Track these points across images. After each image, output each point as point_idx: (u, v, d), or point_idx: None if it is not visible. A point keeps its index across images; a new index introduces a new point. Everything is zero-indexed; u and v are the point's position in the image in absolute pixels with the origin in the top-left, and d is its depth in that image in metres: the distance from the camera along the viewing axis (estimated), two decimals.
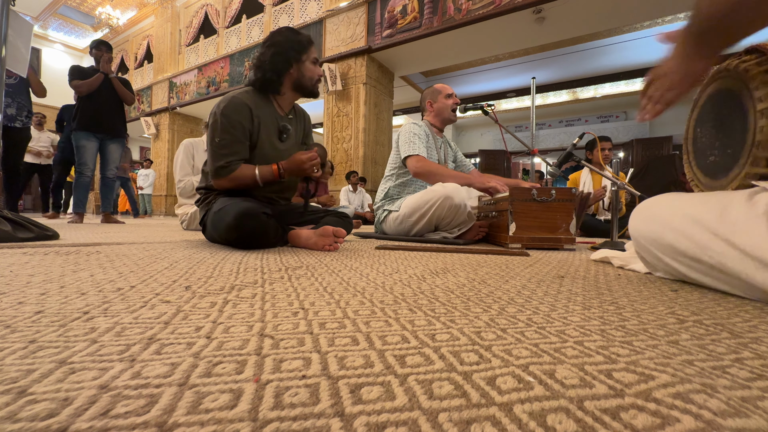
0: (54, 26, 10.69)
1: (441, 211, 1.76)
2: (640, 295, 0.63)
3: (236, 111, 1.33)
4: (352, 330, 0.40)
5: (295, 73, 1.42)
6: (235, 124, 1.32)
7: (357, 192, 5.09)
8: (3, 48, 1.54)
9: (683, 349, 0.37)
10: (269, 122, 1.42)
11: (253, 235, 1.22)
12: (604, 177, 1.64)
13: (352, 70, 5.47)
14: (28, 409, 0.22)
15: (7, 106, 3.19)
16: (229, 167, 1.33)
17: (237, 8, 7.21)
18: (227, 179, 1.34)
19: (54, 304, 0.48)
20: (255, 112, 1.37)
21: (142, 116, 8.94)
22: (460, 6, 4.60)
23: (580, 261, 1.15)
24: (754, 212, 0.56)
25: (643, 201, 0.85)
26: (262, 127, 1.39)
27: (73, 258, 0.95)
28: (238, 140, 1.34)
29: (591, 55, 6.52)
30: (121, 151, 3.47)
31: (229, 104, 1.34)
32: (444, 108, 2.11)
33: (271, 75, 1.40)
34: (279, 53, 1.39)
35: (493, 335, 0.40)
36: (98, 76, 3.22)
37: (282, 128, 1.46)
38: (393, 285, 0.68)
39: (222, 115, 1.32)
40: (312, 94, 1.49)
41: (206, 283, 0.65)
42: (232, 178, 1.34)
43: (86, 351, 0.32)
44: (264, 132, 1.40)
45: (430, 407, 0.24)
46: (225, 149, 1.32)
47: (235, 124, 1.32)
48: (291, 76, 1.43)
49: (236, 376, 0.28)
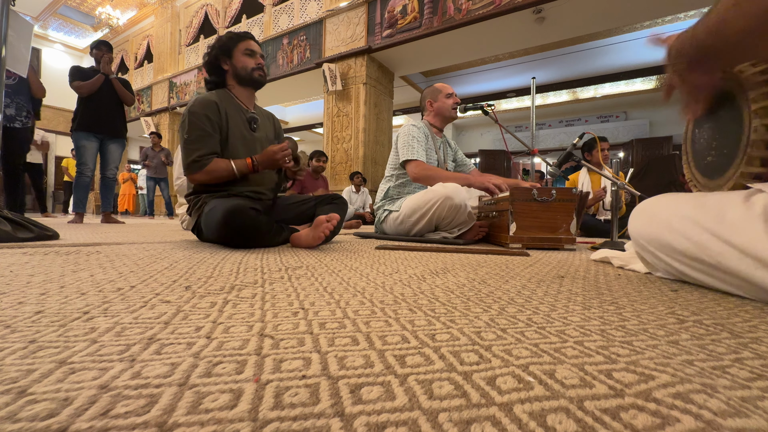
0: (54, 26, 10.69)
1: (441, 212, 1.76)
2: (640, 295, 0.63)
3: (203, 106, 1.40)
4: (352, 330, 0.40)
5: (230, 68, 1.53)
6: (202, 118, 1.39)
7: (360, 192, 5.10)
8: (3, 48, 1.54)
9: (683, 349, 0.37)
10: (236, 115, 1.50)
11: (242, 232, 1.23)
12: (604, 177, 1.64)
13: (352, 70, 5.47)
14: (28, 409, 0.22)
15: (6, 106, 3.19)
16: (201, 161, 1.37)
17: (237, 8, 7.21)
18: (202, 173, 1.39)
19: (54, 304, 0.48)
20: (221, 105, 1.45)
21: (142, 116, 8.94)
22: (460, 6, 4.60)
23: (580, 261, 1.15)
24: (752, 213, 0.57)
25: (643, 201, 0.85)
26: (230, 119, 1.47)
27: (73, 258, 0.95)
28: (207, 134, 1.39)
29: (591, 55, 6.52)
30: (121, 151, 3.47)
31: (196, 102, 1.42)
32: (444, 107, 2.11)
33: (211, 75, 1.55)
34: (210, 55, 1.54)
35: (493, 335, 0.40)
36: (99, 77, 3.23)
37: (250, 119, 1.55)
38: (393, 285, 0.68)
39: (190, 113, 1.40)
40: (253, 82, 1.55)
41: (206, 283, 0.65)
42: (207, 171, 1.38)
43: (86, 351, 0.32)
44: (233, 123, 1.48)
45: (430, 407, 0.24)
46: (196, 143, 1.38)
47: (203, 119, 1.39)
48: (229, 72, 1.54)
49: (236, 376, 0.28)
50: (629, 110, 8.88)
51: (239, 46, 1.52)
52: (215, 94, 1.47)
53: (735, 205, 0.60)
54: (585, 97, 8.48)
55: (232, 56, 1.51)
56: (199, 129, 1.38)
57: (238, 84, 1.55)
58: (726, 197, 0.64)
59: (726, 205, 0.62)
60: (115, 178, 3.50)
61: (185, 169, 1.39)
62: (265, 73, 1.58)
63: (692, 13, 4.68)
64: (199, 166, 1.37)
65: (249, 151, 1.50)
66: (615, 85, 7.86)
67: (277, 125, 1.75)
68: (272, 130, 1.70)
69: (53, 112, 10.79)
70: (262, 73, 1.56)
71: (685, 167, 0.90)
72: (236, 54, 1.51)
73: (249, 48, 1.52)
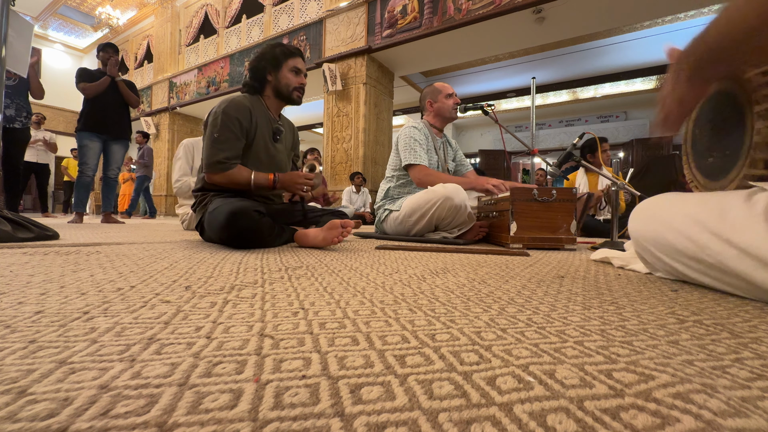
0: (54, 26, 10.69)
1: (441, 212, 1.76)
2: (640, 295, 0.63)
3: (237, 110, 1.41)
4: (352, 330, 0.40)
5: (273, 80, 1.54)
6: (234, 121, 1.40)
7: (360, 192, 5.11)
8: (3, 48, 1.54)
9: (683, 349, 0.37)
10: (264, 124, 1.52)
11: (245, 234, 1.24)
12: (603, 177, 1.64)
13: (352, 70, 5.47)
14: (28, 409, 0.22)
15: (6, 107, 3.19)
16: (227, 164, 1.38)
17: (237, 8, 7.21)
18: (222, 175, 1.39)
19: (54, 304, 0.48)
20: (254, 113, 1.46)
21: (142, 116, 8.93)
22: (460, 6, 4.60)
23: (580, 261, 1.15)
24: (753, 212, 0.57)
25: (643, 201, 0.85)
26: (259, 127, 1.49)
27: (73, 258, 0.95)
28: (236, 137, 1.41)
29: (591, 55, 6.51)
30: (124, 152, 3.47)
31: (231, 104, 1.43)
32: (444, 108, 2.10)
33: (253, 81, 1.55)
34: (259, 62, 1.55)
35: (493, 335, 0.40)
36: (105, 79, 3.24)
37: (276, 130, 1.56)
38: (393, 285, 0.68)
39: (223, 113, 1.40)
40: (290, 101, 1.57)
41: (206, 283, 0.65)
42: (228, 175, 1.39)
43: (86, 351, 0.32)
44: (260, 133, 1.49)
45: (430, 407, 0.24)
46: (223, 144, 1.39)
47: (234, 122, 1.40)
48: (270, 83, 1.55)
49: (236, 376, 0.28)
50: (629, 110, 8.88)
51: (288, 62, 1.53)
52: (248, 99, 1.49)
53: (736, 204, 0.60)
54: (585, 97, 8.48)
55: (279, 70, 1.53)
56: (230, 131, 1.39)
57: (274, 96, 1.57)
58: (727, 196, 0.63)
59: (727, 205, 0.61)
60: (116, 178, 3.50)
61: (207, 166, 1.40)
62: (302, 93, 1.59)
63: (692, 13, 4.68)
64: (222, 168, 1.38)
65: (269, 160, 1.53)
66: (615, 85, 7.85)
67: (296, 136, 1.78)
68: (291, 140, 1.73)
69: (53, 112, 10.78)
70: (301, 93, 1.58)
71: (686, 167, 0.90)
72: (284, 69, 1.53)
73: (296, 66, 1.55)
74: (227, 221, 1.21)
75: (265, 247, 1.33)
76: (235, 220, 1.21)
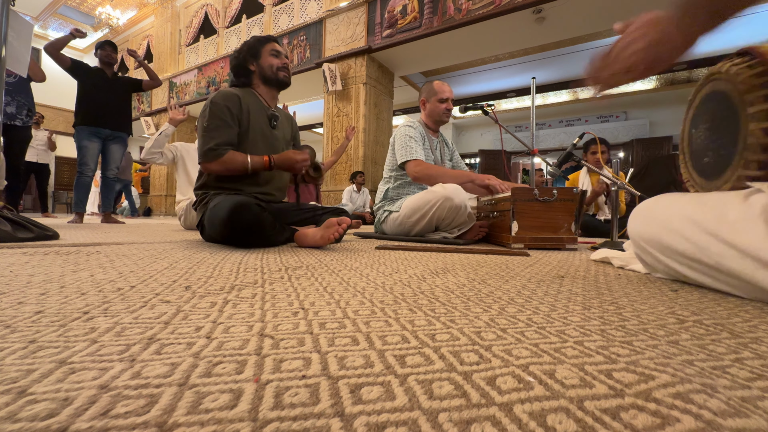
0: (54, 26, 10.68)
1: (441, 212, 1.76)
2: (640, 295, 0.63)
3: (225, 98, 1.44)
4: (352, 330, 0.40)
5: (256, 69, 1.58)
6: (223, 109, 1.42)
7: (361, 192, 5.11)
8: (3, 48, 1.54)
9: (683, 349, 0.37)
10: (258, 111, 1.54)
11: (247, 229, 1.23)
12: (603, 176, 1.64)
13: (352, 70, 5.47)
14: (28, 409, 0.22)
15: (6, 104, 3.19)
16: (218, 150, 1.40)
17: (237, 8, 7.20)
18: (217, 162, 1.41)
19: (54, 304, 0.48)
20: (244, 100, 1.49)
21: (142, 116, 8.94)
22: (460, 6, 4.59)
23: (580, 261, 1.15)
24: (751, 213, 0.57)
25: (642, 202, 0.85)
26: (252, 114, 1.51)
27: (73, 258, 0.95)
28: (227, 124, 1.43)
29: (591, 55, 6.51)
30: (123, 151, 3.45)
31: (218, 94, 1.47)
32: (435, 111, 2.08)
33: (239, 77, 1.60)
34: (238, 58, 1.59)
35: (493, 335, 0.40)
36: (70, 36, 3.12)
37: (270, 116, 1.59)
38: (393, 285, 0.68)
39: (212, 103, 1.43)
40: (278, 83, 1.61)
41: (206, 283, 0.65)
42: (222, 161, 1.40)
43: (86, 351, 0.32)
44: (254, 119, 1.51)
45: (430, 407, 0.24)
46: (214, 132, 1.41)
47: (223, 109, 1.42)
48: (255, 72, 1.59)
49: (236, 376, 0.28)
50: (629, 110, 8.87)
51: (266, 47, 1.58)
52: (238, 89, 1.52)
53: (735, 204, 0.60)
54: (585, 97, 8.48)
55: (259, 57, 1.57)
56: (219, 119, 1.41)
57: (263, 84, 1.60)
58: (725, 197, 0.64)
59: (726, 205, 0.62)
60: (115, 178, 3.49)
61: (201, 156, 1.42)
62: (289, 73, 1.62)
63: None
64: (215, 154, 1.39)
65: (268, 147, 1.55)
66: None
67: (294, 127, 1.80)
68: (290, 131, 1.75)
69: (53, 112, 10.77)
70: (287, 73, 1.61)
71: (683, 167, 0.90)
72: (263, 54, 1.57)
73: (275, 49, 1.59)
74: (229, 215, 1.21)
75: (267, 244, 1.33)
76: (238, 214, 1.21)
